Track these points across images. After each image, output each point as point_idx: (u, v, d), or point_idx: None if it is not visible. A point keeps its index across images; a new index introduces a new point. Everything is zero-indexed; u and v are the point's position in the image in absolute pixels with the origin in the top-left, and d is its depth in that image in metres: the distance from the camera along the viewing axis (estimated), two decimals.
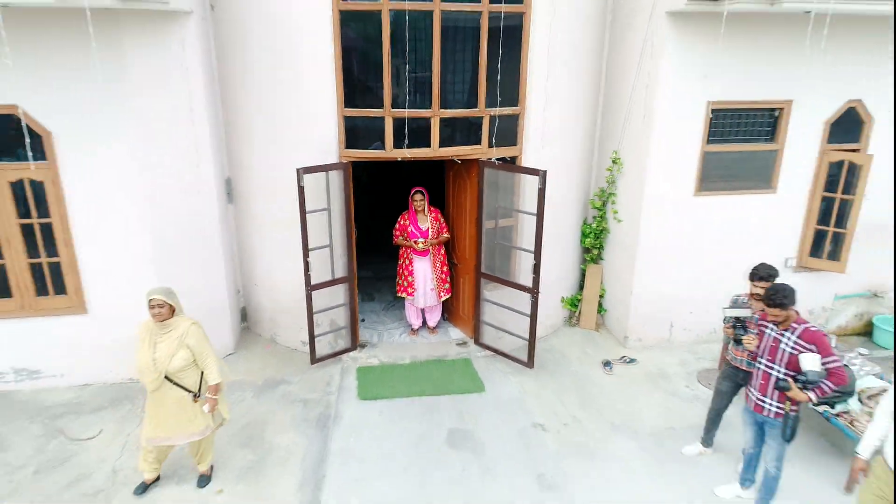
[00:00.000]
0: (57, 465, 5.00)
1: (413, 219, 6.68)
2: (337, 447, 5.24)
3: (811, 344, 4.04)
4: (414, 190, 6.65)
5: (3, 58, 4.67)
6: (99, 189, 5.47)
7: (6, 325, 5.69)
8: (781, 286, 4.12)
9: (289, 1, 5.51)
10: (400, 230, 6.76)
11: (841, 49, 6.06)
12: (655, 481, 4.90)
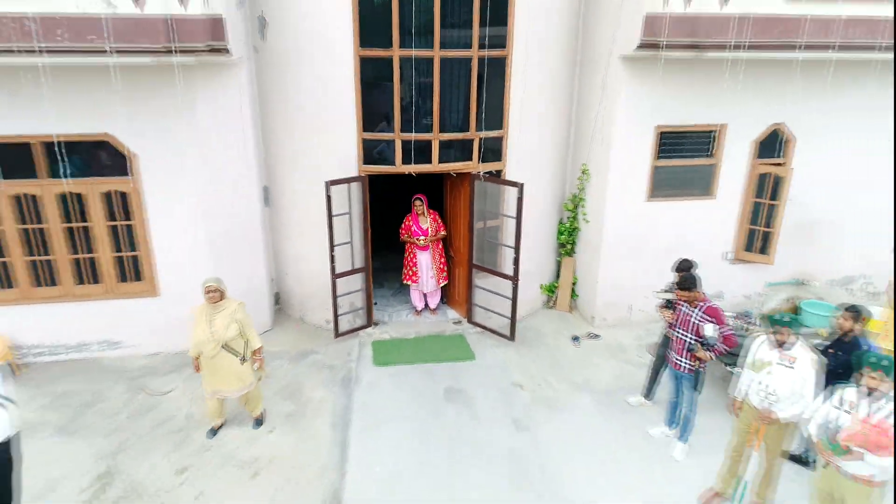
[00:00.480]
0: (144, 412, 6.51)
1: (415, 220, 8.14)
2: (358, 400, 6.74)
3: (711, 317, 5.50)
4: (415, 197, 8.11)
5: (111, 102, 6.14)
6: (171, 198, 6.93)
7: (95, 305, 7.19)
8: (688, 275, 5.59)
9: (318, 46, 6.95)
10: (405, 229, 8.22)
11: (765, 81, 7.48)
12: (604, 425, 6.39)
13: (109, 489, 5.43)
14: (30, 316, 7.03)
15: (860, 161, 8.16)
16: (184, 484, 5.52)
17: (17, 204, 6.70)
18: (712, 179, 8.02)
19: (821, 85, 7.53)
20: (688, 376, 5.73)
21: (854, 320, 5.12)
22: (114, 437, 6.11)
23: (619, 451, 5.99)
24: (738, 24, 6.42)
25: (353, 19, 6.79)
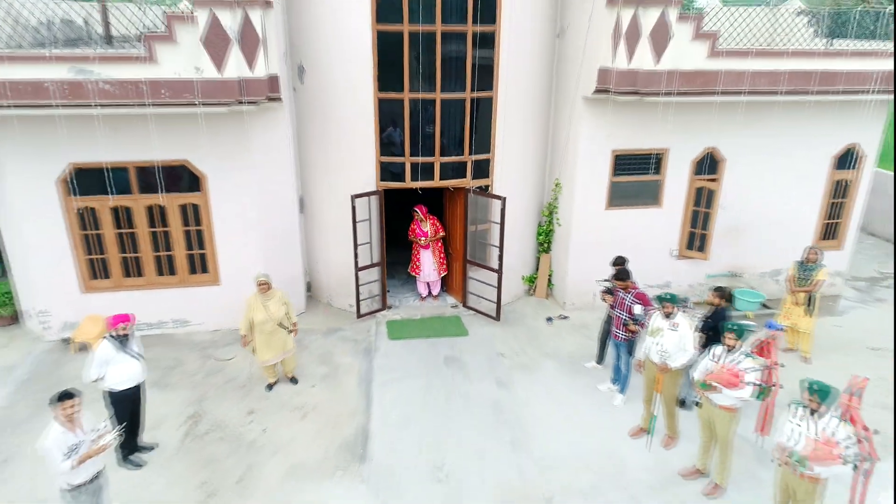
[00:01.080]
0: (215, 373, 8.53)
1: (418, 225, 10.13)
2: (377, 364, 8.76)
3: (640, 300, 7.49)
4: (414, 207, 10.09)
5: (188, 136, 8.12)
6: (231, 208, 8.92)
7: (170, 291, 9.20)
8: (623, 269, 7.59)
9: (345, 89, 8.90)
10: (411, 231, 10.21)
11: (698, 115, 9.42)
12: (565, 382, 8.41)
13: (199, 424, 7.47)
14: (121, 300, 9.03)
15: (775, 176, 10.11)
16: (252, 422, 7.55)
17: (115, 214, 8.70)
18: (659, 192, 9.98)
19: (741, 118, 9.46)
20: (624, 344, 7.73)
21: (720, 298, 7.13)
22: (195, 390, 8.14)
23: (576, 401, 8.01)
24: (669, 77, 8.36)
25: (373, 69, 8.74)
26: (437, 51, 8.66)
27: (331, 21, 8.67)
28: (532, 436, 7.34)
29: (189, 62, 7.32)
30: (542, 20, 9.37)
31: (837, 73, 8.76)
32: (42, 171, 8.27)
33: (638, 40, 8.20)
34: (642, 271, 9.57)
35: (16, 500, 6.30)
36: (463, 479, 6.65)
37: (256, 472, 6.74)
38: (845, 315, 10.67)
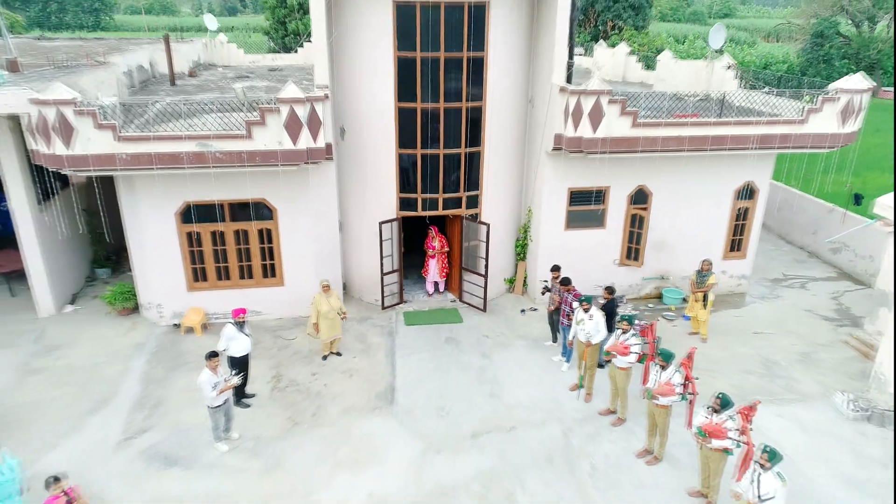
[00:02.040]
0: (283, 348, 12.17)
1: (429, 240, 13.72)
2: (398, 343, 12.39)
3: (576, 297, 11.08)
4: (430, 227, 13.67)
5: (264, 181, 11.71)
6: (293, 231, 12.50)
7: (249, 290, 12.81)
8: (565, 277, 11.18)
9: (373, 144, 12.44)
10: (426, 244, 13.79)
11: (630, 162, 12.93)
12: (528, 355, 12.03)
13: (280, 381, 11.13)
14: (215, 297, 12.65)
15: (691, 204, 13.64)
16: (316, 380, 11.20)
17: (212, 235, 12.31)
18: (603, 217, 13.54)
19: (662, 165, 12.97)
20: (568, 328, 11.32)
21: (609, 293, 10.79)
22: (273, 359, 11.79)
23: (535, 367, 11.64)
24: (603, 141, 11.89)
25: (395, 132, 12.30)
26: (440, 119, 12.22)
27: (366, 98, 12.22)
28: (504, 388, 10.98)
29: (274, 138, 10.89)
30: (517, 96, 12.91)
31: (725, 136, 12.28)
32: (165, 206, 11.88)
33: (581, 117, 11.73)
34: (593, 276, 13.26)
35: (169, 425, 9.95)
36: (457, 416, 10.29)
37: (323, 411, 10.39)
38: (745, 308, 14.27)
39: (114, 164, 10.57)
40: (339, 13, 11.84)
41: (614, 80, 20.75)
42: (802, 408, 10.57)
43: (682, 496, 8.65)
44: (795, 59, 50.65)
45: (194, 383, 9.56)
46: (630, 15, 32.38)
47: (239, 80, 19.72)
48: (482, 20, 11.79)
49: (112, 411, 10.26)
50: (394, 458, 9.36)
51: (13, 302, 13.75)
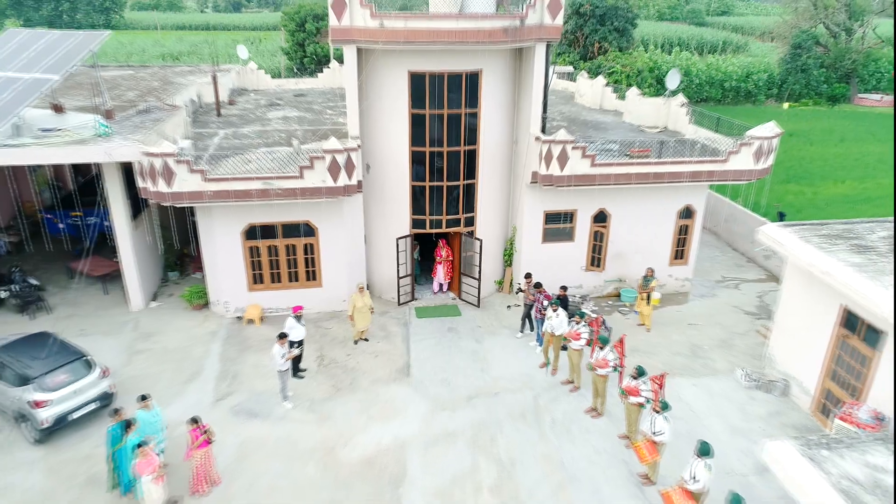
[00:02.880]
0: (324, 335, 15.88)
1: (437, 250, 17.41)
2: (411, 331, 16.10)
3: (546, 298, 14.75)
4: (439, 240, 17.35)
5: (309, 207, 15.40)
6: (330, 244, 16.16)
7: (295, 290, 16.49)
8: (537, 282, 14.87)
9: (392, 177, 16.06)
10: (436, 252, 17.47)
11: (592, 191, 16.54)
12: (510, 340, 15.72)
13: (324, 360, 14.85)
14: (269, 296, 16.35)
15: (641, 222, 17.25)
16: (350, 359, 14.92)
17: (268, 248, 15.98)
18: (573, 233, 17.17)
19: (617, 193, 16.57)
20: (540, 321, 14.99)
21: (563, 290, 14.49)
22: (317, 343, 15.50)
23: (515, 350, 15.34)
24: (569, 178, 15.51)
25: (409, 169, 15.93)
26: (444, 159, 15.85)
27: (387, 143, 15.85)
28: (491, 365, 14.69)
29: (319, 177, 14.53)
30: (504, 140, 16.54)
31: (664, 173, 15.89)
32: (233, 227, 15.55)
33: (552, 159, 15.34)
34: (564, 280, 16.83)
35: (246, 391, 13.66)
36: (455, 384, 14.00)
37: (356, 381, 14.11)
38: (686, 304, 17.92)
39: (201, 199, 14.25)
40: (368, 80, 15.43)
41: (592, 107, 24.28)
42: (712, 380, 14.27)
43: (613, 438, 12.36)
44: (776, 69, 54.01)
45: (262, 360, 13.29)
46: (615, 37, 35.78)
47: (272, 107, 23.35)
48: (476, 84, 15.39)
49: (203, 381, 14.00)
50: (410, 413, 13.08)
51: (107, 299, 17.46)
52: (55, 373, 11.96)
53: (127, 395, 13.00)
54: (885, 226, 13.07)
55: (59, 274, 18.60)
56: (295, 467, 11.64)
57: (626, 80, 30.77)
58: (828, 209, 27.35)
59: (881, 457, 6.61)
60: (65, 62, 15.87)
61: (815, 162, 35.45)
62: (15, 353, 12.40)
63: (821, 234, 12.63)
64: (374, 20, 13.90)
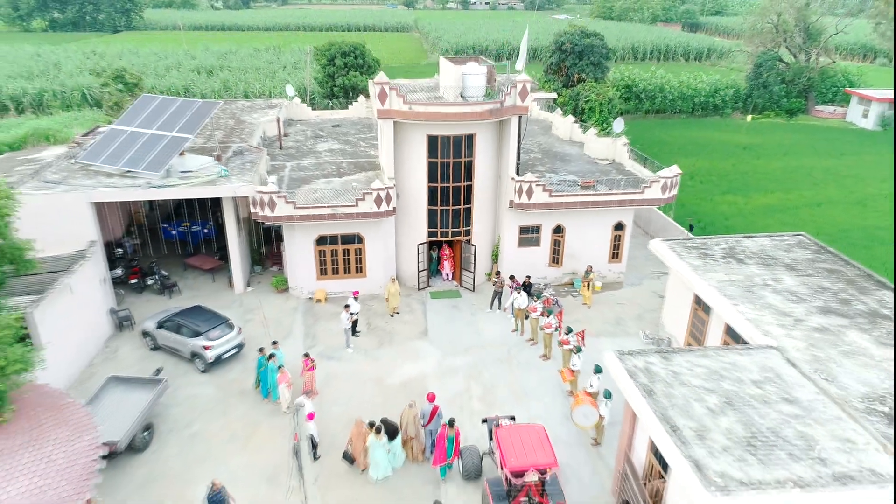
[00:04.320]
0: (367, 310, 23.56)
1: (443, 251, 25.06)
2: (427, 307, 23.80)
3: (516, 285, 22.39)
4: (444, 245, 24.98)
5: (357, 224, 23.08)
6: (373, 248, 23.78)
7: (348, 280, 24.15)
8: (511, 275, 22.54)
9: (413, 202, 23.63)
10: (442, 252, 25.12)
11: (552, 211, 24.08)
12: (495, 315, 23.39)
13: (371, 326, 22.55)
14: (330, 283, 24.01)
15: (588, 233, 24.80)
16: (387, 326, 22.64)
17: (331, 252, 23.63)
18: (539, 241, 24.76)
19: (570, 213, 24.09)
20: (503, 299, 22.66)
21: (528, 278, 22.17)
22: (364, 316, 23.16)
23: (497, 321, 23.02)
24: (535, 205, 23.04)
25: (426, 197, 23.50)
26: (450, 191, 23.41)
27: (411, 180, 23.41)
28: (481, 330, 22.38)
29: (369, 206, 22.11)
30: (492, 177, 24.08)
31: (599, 201, 23.42)
32: (308, 236, 23.17)
33: (522, 193, 22.88)
34: (533, 272, 24.42)
35: (322, 343, 21.37)
36: (457, 342, 21.69)
37: (393, 338, 21.82)
38: (619, 291, 25.53)
39: (291, 220, 21.89)
40: (399, 140, 22.90)
41: (563, 138, 31.81)
42: (624, 339, 21.88)
43: (553, 371, 20.02)
44: (743, 84, 61.15)
45: (330, 326, 20.99)
46: (591, 70, 42.96)
47: (317, 139, 30.88)
48: (472, 142, 22.89)
49: (294, 338, 21.69)
50: (428, 358, 20.77)
51: (214, 286, 25.14)
52: (214, 329, 19.68)
53: (249, 346, 20.70)
54: (728, 240, 20.54)
55: (175, 267, 26.28)
56: (359, 388, 19.33)
57: (598, 107, 37.97)
58: (751, 217, 34.76)
59: (653, 357, 14.08)
60: (194, 124, 23.47)
61: (756, 174, 42.77)
62: (186, 318, 20.12)
63: (684, 246, 20.15)
64: (405, 105, 21.41)
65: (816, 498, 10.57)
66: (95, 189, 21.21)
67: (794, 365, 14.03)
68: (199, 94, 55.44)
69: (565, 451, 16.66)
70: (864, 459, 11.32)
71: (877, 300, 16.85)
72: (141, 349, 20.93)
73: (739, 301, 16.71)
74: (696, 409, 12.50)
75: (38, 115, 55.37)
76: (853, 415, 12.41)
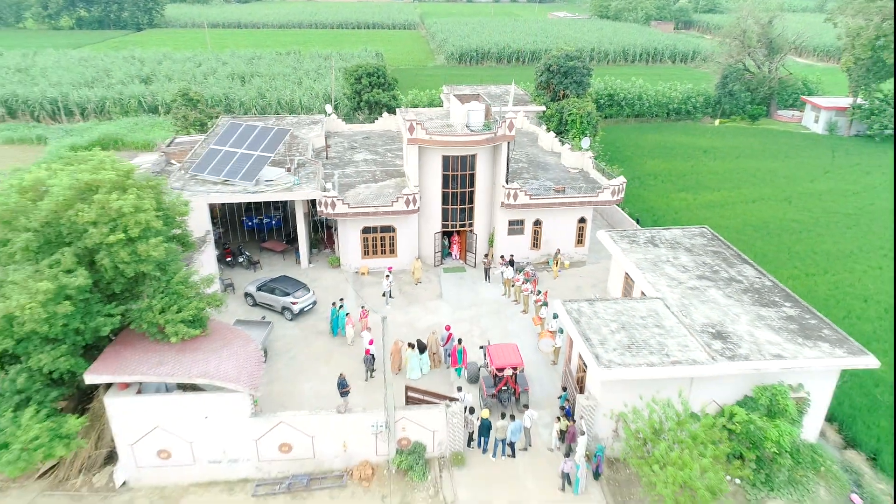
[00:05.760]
0: (400, 279, 32.74)
1: (453, 238, 34.21)
2: (441, 279, 33.00)
3: (504, 262, 31.54)
4: (454, 234, 34.12)
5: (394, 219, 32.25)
6: (403, 235, 32.88)
7: (384, 259, 33.26)
8: (501, 254, 31.73)
9: (433, 202, 32.68)
10: (452, 239, 34.26)
11: (532, 209, 33.10)
12: (491, 283, 32.58)
13: (401, 290, 31.75)
14: (372, 261, 33.13)
15: (560, 224, 33.82)
16: (413, 291, 31.86)
17: (372, 239, 32.75)
18: (523, 230, 33.79)
19: (545, 210, 33.08)
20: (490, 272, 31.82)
21: (511, 256, 31.26)
22: (397, 284, 32.33)
23: (492, 288, 32.22)
24: (519, 204, 32.08)
25: (440, 198, 32.56)
26: (458, 194, 32.46)
27: (430, 187, 32.43)
28: (479, 294, 31.59)
29: (400, 206, 31.16)
30: (489, 183, 33.10)
31: (566, 202, 32.44)
32: (356, 226, 32.26)
33: (510, 196, 31.87)
34: (518, 253, 33.60)
35: (368, 300, 30.57)
36: (463, 301, 30.90)
37: (418, 299, 31.04)
38: (583, 268, 34.68)
39: (346, 216, 31.01)
40: (421, 158, 31.85)
41: (546, 149, 40.82)
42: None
43: (528, 321, 29.21)
44: (713, 92, 69.75)
45: (372, 291, 30.15)
46: (574, 87, 51.65)
47: (353, 150, 39.90)
48: (474, 160, 31.88)
49: (349, 298, 30.86)
50: (443, 311, 30.00)
51: (285, 263, 34.32)
52: (297, 291, 28.89)
53: (320, 302, 29.92)
54: (650, 231, 29.53)
55: (253, 249, 35.44)
56: (396, 330, 28.48)
57: (579, 119, 46.76)
58: (696, 211, 43.65)
59: (584, 304, 23.11)
60: (273, 145, 32.51)
61: (709, 175, 51.60)
62: (277, 283, 29.34)
63: (621, 235, 29.17)
64: (427, 135, 30.37)
65: (655, 371, 19.76)
66: (209, 193, 30.30)
67: (668, 307, 23.17)
68: (238, 103, 64.30)
69: (534, 367, 25.87)
70: (690, 354, 20.48)
71: (736, 271, 25.96)
72: (243, 306, 30.10)
73: (647, 271, 25.85)
74: (602, 330, 21.69)
75: (100, 119, 64.52)
76: (692, 333, 21.57)
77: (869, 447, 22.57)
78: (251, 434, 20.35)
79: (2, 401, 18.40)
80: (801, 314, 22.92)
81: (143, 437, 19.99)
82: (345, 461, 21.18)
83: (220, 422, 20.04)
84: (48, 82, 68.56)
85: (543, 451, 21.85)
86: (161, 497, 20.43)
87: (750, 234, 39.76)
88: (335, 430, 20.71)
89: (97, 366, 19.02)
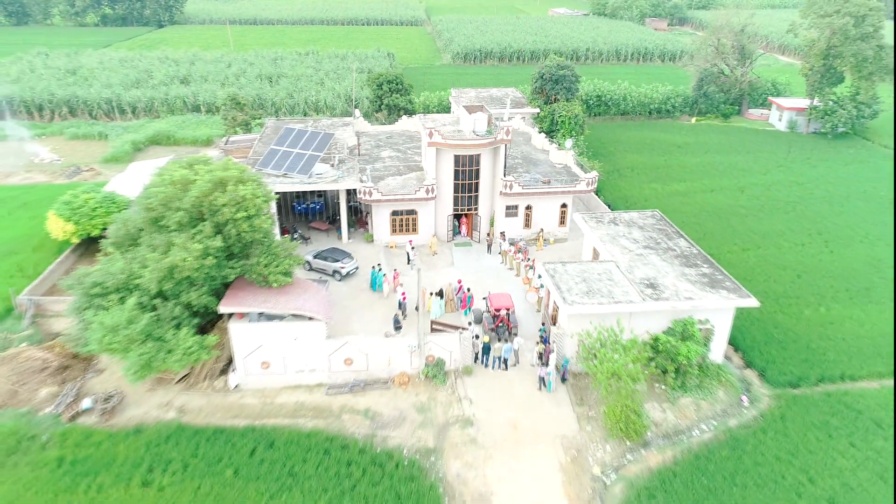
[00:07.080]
0: (420, 251, 41.86)
1: (462, 219, 43.32)
2: (453, 251, 42.10)
3: (503, 238, 40.65)
4: (464, 214, 43.23)
5: None
6: (423, 216, 41.92)
7: (407, 235, 42.33)
8: (502, 231, 40.89)
9: (446, 190, 41.70)
10: (461, 220, 43.37)
11: (526, 197, 42.12)
12: (492, 255, 41.71)
13: (422, 262, 40.91)
14: (398, 237, 42.19)
15: (547, 209, 42.82)
16: (431, 260, 41.01)
17: (399, 218, 41.81)
18: (517, 213, 42.82)
19: (535, 197, 42.07)
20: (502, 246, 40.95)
21: (503, 234, 40.38)
22: (419, 255, 41.48)
23: (492, 258, 41.37)
24: (514, 193, 41.09)
25: (453, 188, 41.59)
26: (467, 185, 41.48)
27: (444, 180, 41.44)
28: (482, 261, 40.72)
29: (422, 195, 40.16)
30: (492, 176, 42.10)
31: (551, 191, 41.45)
32: (386, 210, 41.33)
33: (507, 186, 40.87)
34: (512, 231, 42.70)
35: (397, 267, 39.74)
36: (470, 267, 40.03)
37: (435, 265, 40.19)
38: (564, 243, 43.76)
39: (380, 203, 40.10)
40: (438, 157, 40.79)
41: (538, 146, 49.83)
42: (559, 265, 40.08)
43: (520, 282, 38.35)
44: (690, 93, 78.37)
45: (397, 260, 39.28)
46: (564, 92, 60.40)
47: (379, 148, 48.95)
48: (479, 158, 40.85)
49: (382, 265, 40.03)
50: (454, 273, 39.10)
51: (328, 239, 43.41)
52: (344, 259, 38.07)
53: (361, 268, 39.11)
54: (614, 214, 38.54)
55: (303, 228, 44.54)
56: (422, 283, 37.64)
57: (568, 120, 55.59)
58: (663, 199, 52.44)
59: (558, 265, 32.14)
60: (322, 146, 41.52)
61: (679, 168, 60.39)
62: (329, 252, 38.59)
63: (591, 216, 38.18)
64: (443, 139, 39.34)
65: (603, 307, 28.94)
66: (275, 185, 39.36)
67: (619, 268, 32.28)
68: (270, 103, 73.02)
69: (522, 312, 35.04)
70: (629, 297, 29.60)
71: (674, 243, 35.04)
72: (300, 271, 39.18)
73: (607, 243, 34.95)
74: (570, 282, 30.84)
75: (150, 118, 73.40)
76: (633, 284, 30.70)
77: (760, 367, 31.76)
78: (325, 351, 29.58)
79: (164, 323, 27.58)
80: (714, 272, 32.01)
81: (252, 352, 29.21)
82: (389, 372, 30.43)
83: (304, 342, 29.26)
84: (100, 84, 77.37)
85: (527, 367, 31.09)
86: (262, 396, 29.69)
87: (704, 218, 48.70)
88: (383, 350, 29.94)
89: (226, 301, 28.24)
